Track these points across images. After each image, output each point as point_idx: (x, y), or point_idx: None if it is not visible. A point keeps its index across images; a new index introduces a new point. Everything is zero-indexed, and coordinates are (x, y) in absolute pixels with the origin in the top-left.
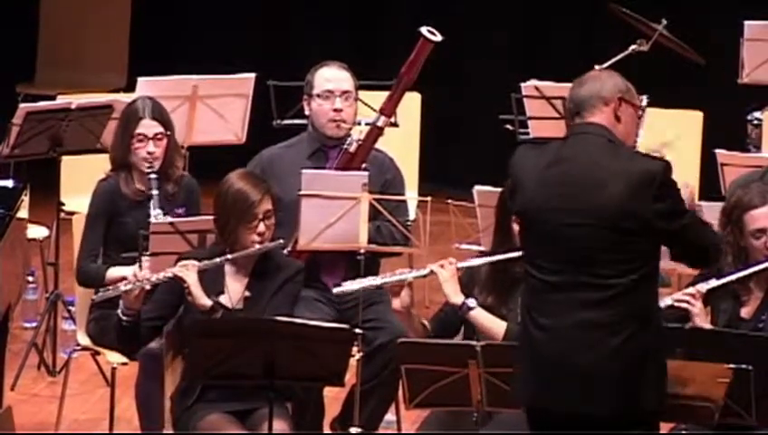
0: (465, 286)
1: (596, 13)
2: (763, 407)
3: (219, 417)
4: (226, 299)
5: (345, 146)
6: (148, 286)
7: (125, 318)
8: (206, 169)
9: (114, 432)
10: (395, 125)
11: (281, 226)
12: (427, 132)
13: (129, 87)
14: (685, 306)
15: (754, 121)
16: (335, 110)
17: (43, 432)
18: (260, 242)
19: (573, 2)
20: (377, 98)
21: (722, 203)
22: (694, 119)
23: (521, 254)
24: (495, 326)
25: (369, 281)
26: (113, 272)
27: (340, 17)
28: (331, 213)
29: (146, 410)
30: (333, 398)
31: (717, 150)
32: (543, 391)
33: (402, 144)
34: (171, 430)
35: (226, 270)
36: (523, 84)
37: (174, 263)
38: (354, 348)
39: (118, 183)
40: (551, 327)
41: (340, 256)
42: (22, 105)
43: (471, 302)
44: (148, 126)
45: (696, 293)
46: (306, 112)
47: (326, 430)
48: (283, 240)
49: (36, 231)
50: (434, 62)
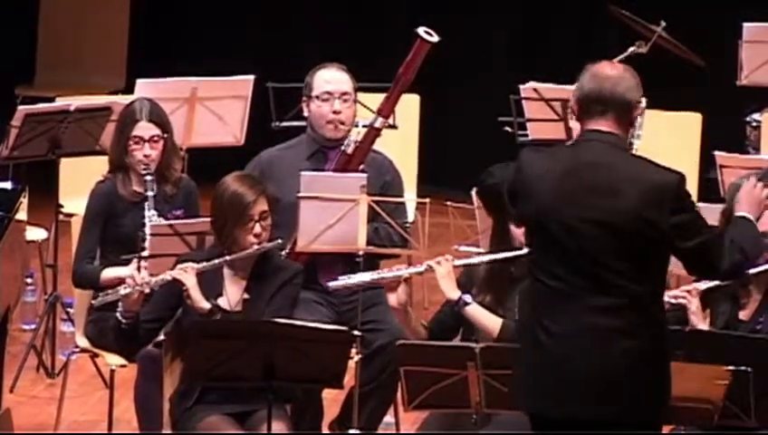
0: (464, 287)
1: (595, 14)
2: (762, 408)
3: (218, 418)
4: (225, 302)
5: (343, 147)
6: (148, 290)
7: (124, 320)
8: (205, 170)
9: (113, 434)
10: (393, 127)
11: (279, 227)
12: (426, 134)
13: (128, 89)
14: (682, 302)
15: (753, 123)
16: (334, 111)
17: (41, 434)
18: (257, 243)
19: (573, 3)
20: (375, 99)
21: (722, 205)
22: (693, 120)
23: (518, 253)
24: (491, 323)
25: (366, 276)
26: (108, 273)
27: (338, 19)
28: (330, 215)
29: (145, 411)
30: (332, 399)
31: (716, 152)
32: (551, 396)
33: (401, 146)
34: (170, 432)
35: (225, 273)
36: (521, 86)
37: (173, 265)
38: (353, 350)
39: (115, 185)
40: (562, 333)
41: (338, 257)
42: (21, 107)
43: (467, 297)
44: (145, 128)
45: (693, 290)
46: (305, 114)
47: (325, 431)
48: (281, 240)
49: (35, 233)
50: (432, 63)
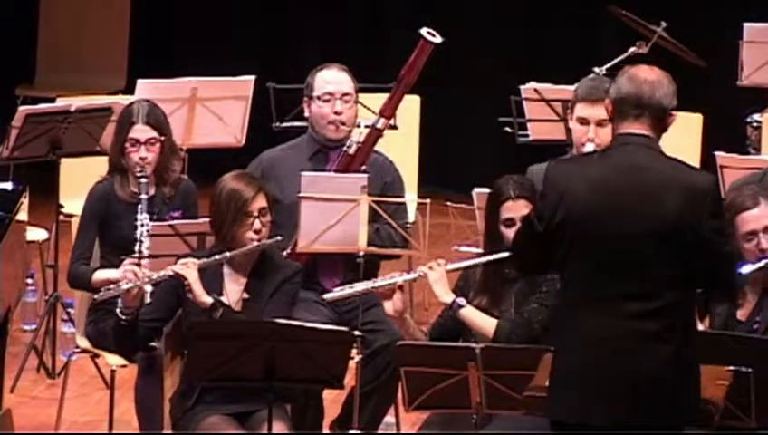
0: (461, 289)
1: (596, 14)
2: (762, 409)
3: (219, 419)
4: (225, 301)
5: (345, 148)
6: (149, 286)
7: (123, 317)
8: (205, 171)
9: (113, 434)
10: (394, 127)
11: (280, 228)
12: (427, 134)
13: (129, 89)
14: None
15: (754, 124)
16: (335, 112)
17: (42, 434)
18: (257, 240)
19: (573, 4)
20: (376, 100)
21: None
22: (693, 121)
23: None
24: (486, 324)
25: (360, 286)
26: (99, 275)
27: (339, 19)
28: (331, 215)
29: (145, 412)
30: (333, 400)
31: (717, 153)
32: (587, 404)
33: (402, 146)
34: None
35: (224, 272)
36: (522, 87)
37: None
38: (354, 350)
39: (113, 186)
40: (598, 339)
41: (339, 258)
42: (21, 107)
43: (460, 300)
44: (141, 131)
45: None
46: (306, 114)
47: (325, 431)
48: (280, 237)
49: (35, 233)
50: (433, 64)
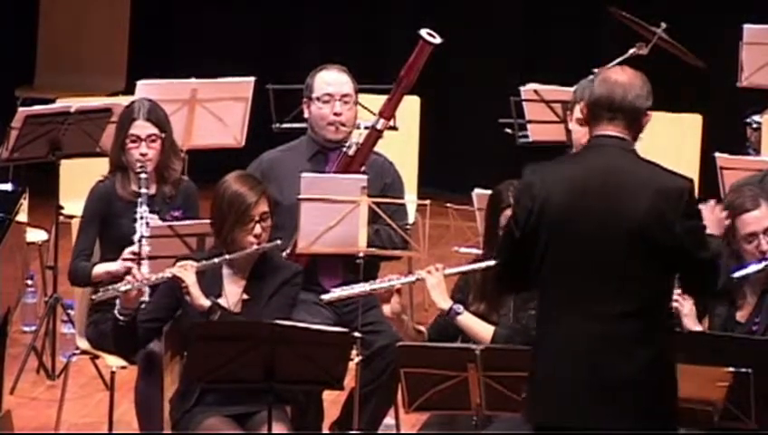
0: (461, 292)
1: (596, 16)
2: (762, 410)
3: (218, 420)
4: (224, 302)
5: (344, 149)
6: (147, 287)
7: (121, 318)
8: (205, 172)
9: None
10: (394, 128)
11: (280, 229)
12: (427, 136)
13: (129, 90)
14: (674, 305)
15: (754, 125)
16: (335, 113)
17: None
18: (257, 244)
19: (573, 4)
20: (376, 101)
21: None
22: (693, 122)
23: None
24: (483, 331)
25: (358, 288)
26: (99, 268)
27: (339, 20)
28: (331, 216)
29: (145, 413)
30: (333, 401)
31: (717, 154)
32: (564, 406)
33: (401, 147)
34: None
35: (224, 273)
36: (522, 88)
37: (172, 265)
38: (353, 351)
39: (114, 184)
40: (575, 341)
41: (339, 259)
42: (21, 109)
43: (458, 307)
44: (142, 127)
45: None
46: (306, 116)
47: (325, 432)
48: (280, 241)
49: (35, 235)
50: (433, 64)
